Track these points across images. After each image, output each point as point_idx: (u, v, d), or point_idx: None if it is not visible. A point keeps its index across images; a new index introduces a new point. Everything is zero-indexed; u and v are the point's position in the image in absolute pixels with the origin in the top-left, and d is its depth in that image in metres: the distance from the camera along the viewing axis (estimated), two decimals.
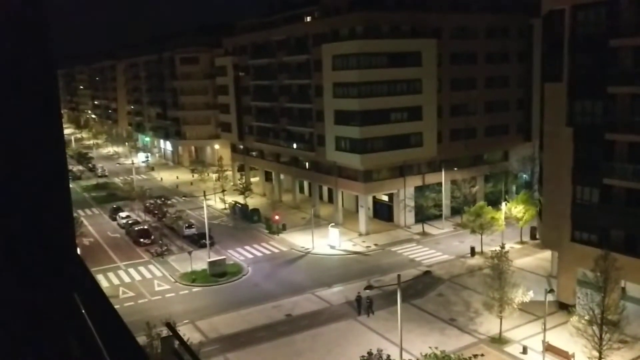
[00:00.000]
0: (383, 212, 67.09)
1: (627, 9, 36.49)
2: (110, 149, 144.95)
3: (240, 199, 75.41)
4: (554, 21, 40.88)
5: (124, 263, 56.41)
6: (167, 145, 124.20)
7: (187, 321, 41.35)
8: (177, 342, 2.74)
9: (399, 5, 63.76)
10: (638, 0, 35.88)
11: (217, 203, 77.53)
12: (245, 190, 77.00)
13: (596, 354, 31.92)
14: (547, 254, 49.74)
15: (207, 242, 56.12)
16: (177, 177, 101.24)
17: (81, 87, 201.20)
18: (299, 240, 60.71)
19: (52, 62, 2.68)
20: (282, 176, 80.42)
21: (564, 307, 40.55)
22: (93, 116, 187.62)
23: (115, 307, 2.95)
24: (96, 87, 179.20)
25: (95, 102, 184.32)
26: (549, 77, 42.65)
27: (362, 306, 42.00)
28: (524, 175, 70.93)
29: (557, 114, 41.15)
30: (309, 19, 72.72)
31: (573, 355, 34.12)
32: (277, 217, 64.19)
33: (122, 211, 74.01)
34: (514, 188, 69.11)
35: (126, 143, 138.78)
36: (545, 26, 46.23)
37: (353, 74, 59.25)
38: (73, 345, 2.62)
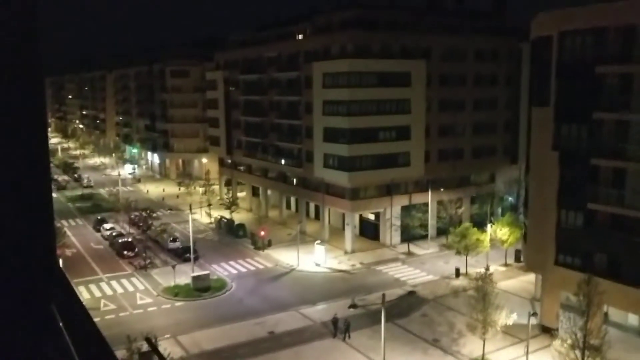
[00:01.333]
0: (369, 231, 67.08)
1: (612, 37, 37.17)
2: (97, 160, 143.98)
3: (226, 214, 75.03)
4: (542, 47, 41.50)
5: (107, 275, 55.73)
6: (154, 158, 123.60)
7: (168, 335, 40.81)
8: (156, 358, 2.69)
9: (390, 26, 64.43)
10: (623, 29, 36.56)
11: (202, 217, 77.09)
12: (232, 204, 76.66)
13: None
14: (531, 276, 49.90)
15: (192, 256, 55.67)
16: (164, 190, 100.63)
17: (70, 96, 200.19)
18: (285, 256, 60.44)
19: (40, 70, 2.65)
20: (269, 191, 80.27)
21: (547, 331, 40.61)
22: (81, 126, 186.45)
23: (96, 319, 2.89)
24: (85, 96, 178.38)
25: (84, 112, 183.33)
26: (536, 101, 43.18)
27: (339, 329, 41.07)
28: (510, 198, 71.37)
29: (543, 138, 41.59)
30: (300, 36, 73.20)
31: None
32: (263, 233, 63.92)
33: (107, 222, 73.34)
34: (499, 210, 69.50)
35: (113, 154, 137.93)
36: (533, 51, 46.91)
37: (343, 92, 59.59)
38: (49, 356, 2.56)
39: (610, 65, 37.01)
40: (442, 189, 65.47)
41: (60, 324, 2.63)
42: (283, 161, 72.93)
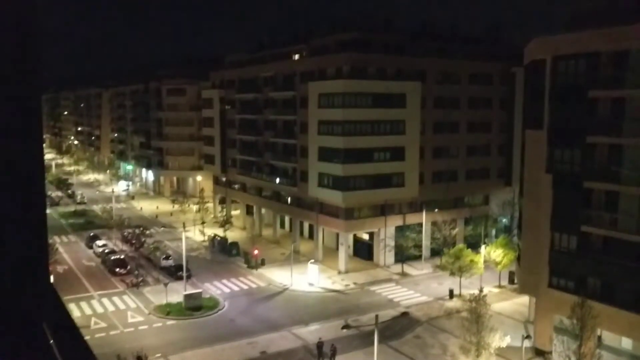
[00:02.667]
0: (363, 251, 66.93)
1: (605, 62, 37.62)
2: (91, 176, 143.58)
3: (220, 232, 74.77)
4: (536, 70, 41.95)
5: (98, 293, 55.25)
6: (148, 175, 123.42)
7: (159, 355, 40.38)
8: None
9: (386, 48, 65.10)
10: (616, 54, 37.03)
11: (196, 235, 76.77)
12: (226, 223, 76.46)
13: None
14: (524, 299, 49.79)
15: (184, 274, 55.32)
16: (157, 207, 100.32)
17: (65, 112, 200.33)
18: (278, 276, 60.13)
19: (38, 87, 2.68)
20: (263, 210, 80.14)
21: (541, 354, 40.42)
22: (75, 142, 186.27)
23: (86, 337, 2.88)
24: (80, 113, 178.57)
25: (79, 129, 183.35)
26: (530, 124, 43.51)
27: (323, 354, 40.26)
28: (504, 220, 71.49)
29: (537, 161, 41.84)
30: (296, 57, 73.75)
31: None
32: (256, 252, 63.66)
33: (99, 239, 72.91)
34: (493, 232, 69.58)
35: (107, 171, 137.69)
36: (527, 75, 47.42)
37: (338, 112, 59.90)
38: None
39: (603, 89, 37.42)
40: (436, 210, 65.59)
41: (51, 342, 2.63)
42: (277, 180, 72.95)
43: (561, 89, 40.08)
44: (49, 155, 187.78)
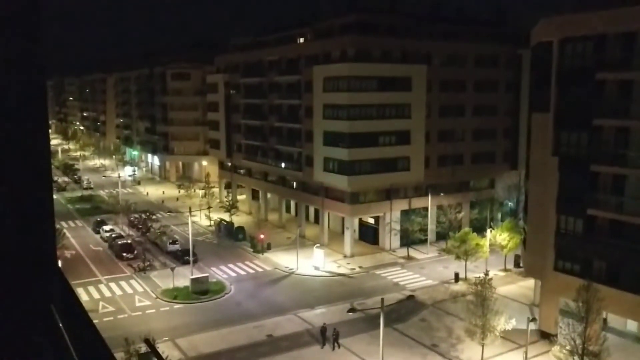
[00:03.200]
0: (368, 235, 67.06)
1: (613, 44, 37.25)
2: (97, 162, 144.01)
3: (226, 217, 75.03)
4: (543, 53, 41.58)
5: (105, 277, 55.70)
6: (154, 160, 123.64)
7: (166, 338, 40.77)
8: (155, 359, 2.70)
9: (391, 31, 64.59)
10: (623, 35, 36.65)
11: (202, 220, 77.05)
12: (231, 207, 76.67)
13: None
14: (530, 282, 49.87)
15: (191, 258, 55.64)
16: (163, 192, 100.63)
17: (70, 98, 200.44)
18: (284, 260, 60.40)
19: (43, 72, 2.67)
20: (269, 195, 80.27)
21: (546, 337, 40.56)
22: (81, 128, 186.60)
23: (95, 321, 2.91)
24: (85, 99, 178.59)
25: (84, 114, 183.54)
26: (536, 107, 43.23)
27: (327, 338, 40.37)
28: (510, 203, 71.37)
29: (543, 144, 41.64)
30: (301, 40, 73.34)
31: None
32: (262, 236, 63.89)
33: (106, 224, 73.31)
34: (499, 215, 69.50)
35: (113, 156, 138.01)
36: (533, 57, 47.01)
37: (343, 96, 59.65)
38: (48, 357, 2.58)
39: (611, 71, 37.09)
40: (441, 194, 65.51)
41: (60, 324, 2.65)
42: (283, 165, 72.97)
43: (568, 72, 39.76)
44: (55, 141, 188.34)
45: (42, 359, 2.60)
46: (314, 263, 57.96)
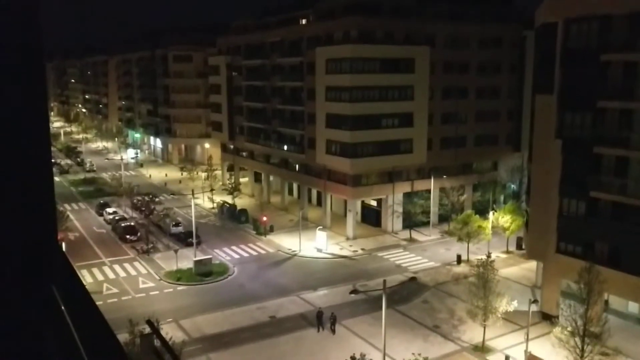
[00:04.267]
0: (371, 217, 67.17)
1: (618, 25, 36.89)
2: (99, 144, 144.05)
3: (228, 199, 75.17)
4: (547, 34, 41.21)
5: (109, 259, 56.01)
6: (157, 143, 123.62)
7: (170, 320, 41.10)
8: (157, 341, 2.71)
9: (394, 12, 64.00)
10: (629, 16, 36.27)
11: (205, 202, 77.23)
12: (234, 190, 76.80)
13: None
14: (532, 264, 50.02)
15: (194, 240, 55.87)
16: (166, 175, 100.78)
17: (72, 80, 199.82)
18: (286, 242, 60.62)
19: (40, 51, 2.64)
20: (271, 177, 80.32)
21: (547, 318, 40.78)
22: (83, 110, 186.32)
23: (98, 303, 2.92)
24: (87, 81, 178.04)
25: (86, 97, 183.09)
26: (540, 89, 42.97)
27: (323, 323, 40.05)
28: (512, 186, 71.36)
29: (546, 126, 41.46)
30: (304, 21, 72.78)
31: None
32: (264, 219, 64.06)
33: (109, 207, 73.53)
34: (501, 198, 69.50)
35: (116, 139, 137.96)
36: (538, 38, 46.61)
37: (346, 78, 59.36)
38: (49, 339, 2.58)
39: (616, 53, 36.78)
40: (444, 176, 65.46)
41: (62, 306, 2.65)
42: (285, 147, 72.89)
43: (572, 53, 39.44)
44: (57, 124, 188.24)
45: (43, 340, 2.60)
46: (316, 245, 58.17)
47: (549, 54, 40.80)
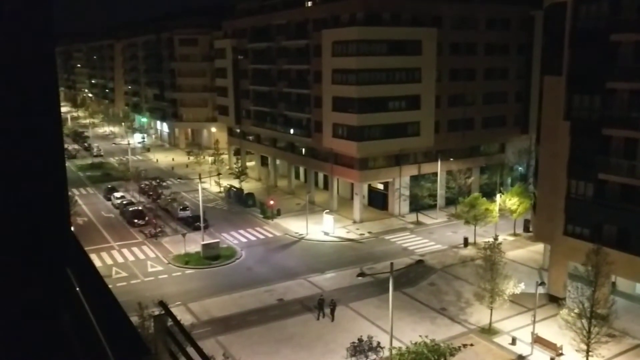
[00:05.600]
0: (378, 201, 67.19)
1: (628, 4, 36.39)
2: (106, 129, 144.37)
3: (235, 183, 75.36)
4: (556, 14, 40.74)
5: (118, 243, 56.42)
6: (163, 127, 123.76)
7: (179, 303, 41.48)
8: (169, 321, 2.74)
9: None
10: None
11: (212, 186, 77.46)
12: (241, 174, 76.95)
13: (584, 347, 32.22)
14: (539, 246, 50.00)
15: (202, 224, 56.14)
16: (173, 159, 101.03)
17: (78, 65, 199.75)
18: (293, 225, 60.81)
19: (52, 38, 2.65)
20: (278, 161, 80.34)
21: (554, 300, 40.85)
22: (90, 95, 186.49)
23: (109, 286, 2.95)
24: (93, 65, 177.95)
25: (92, 81, 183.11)
26: (549, 70, 42.61)
27: (324, 310, 39.65)
28: (520, 168, 71.10)
29: (555, 108, 41.16)
30: (309, 3, 72.22)
31: (561, 348, 34.45)
32: (271, 202, 64.21)
33: (117, 191, 73.87)
34: (509, 180, 69.30)
35: (122, 123, 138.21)
36: (546, 19, 46.10)
37: (352, 61, 59.01)
38: (64, 317, 2.62)
39: (626, 33, 36.32)
40: (451, 159, 65.24)
41: (76, 287, 2.69)
42: (292, 131, 72.78)
43: (582, 33, 39.00)
44: (64, 109, 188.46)
45: (58, 319, 2.64)
46: (323, 229, 58.33)
47: (558, 35, 40.37)
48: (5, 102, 2.52)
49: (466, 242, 54.02)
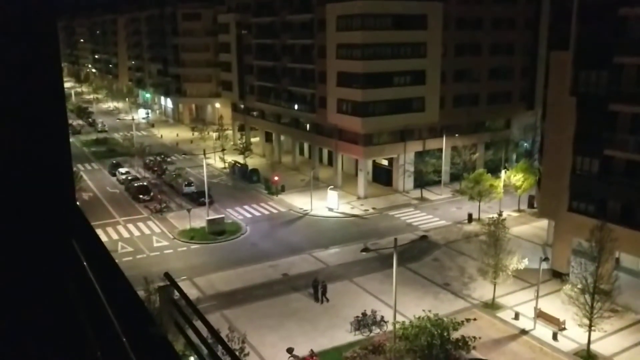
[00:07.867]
0: (382, 177, 67.18)
1: None
2: (110, 104, 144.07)
3: (240, 159, 75.40)
4: None
5: (123, 219, 56.76)
6: (167, 102, 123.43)
7: (184, 277, 41.86)
8: (175, 293, 2.77)
9: None
10: None
11: (216, 162, 77.55)
12: (245, 150, 76.94)
13: (586, 321, 32.43)
14: (543, 222, 50.04)
15: (206, 200, 56.35)
16: (177, 135, 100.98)
17: (81, 40, 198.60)
18: (298, 201, 60.96)
19: (53, 13, 2.63)
20: (282, 137, 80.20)
21: (558, 276, 41.05)
22: (93, 70, 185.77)
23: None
24: (97, 41, 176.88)
25: (96, 57, 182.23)
26: (556, 44, 42.17)
27: (318, 293, 38.91)
28: (525, 144, 70.79)
29: (561, 83, 40.81)
30: None
31: (564, 322, 34.71)
32: (276, 178, 64.29)
33: (122, 167, 74.07)
34: (514, 156, 69.07)
35: (126, 99, 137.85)
36: None
37: (357, 35, 58.45)
38: (71, 288, 2.65)
39: (635, 6, 35.78)
40: (456, 135, 64.96)
41: (83, 260, 2.71)
42: (296, 106, 72.50)
43: (589, 7, 38.45)
44: (67, 84, 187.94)
45: (66, 291, 2.67)
46: (327, 204, 58.46)
47: (565, 9, 39.86)
48: (8, 79, 2.52)
49: (470, 218, 54.10)
